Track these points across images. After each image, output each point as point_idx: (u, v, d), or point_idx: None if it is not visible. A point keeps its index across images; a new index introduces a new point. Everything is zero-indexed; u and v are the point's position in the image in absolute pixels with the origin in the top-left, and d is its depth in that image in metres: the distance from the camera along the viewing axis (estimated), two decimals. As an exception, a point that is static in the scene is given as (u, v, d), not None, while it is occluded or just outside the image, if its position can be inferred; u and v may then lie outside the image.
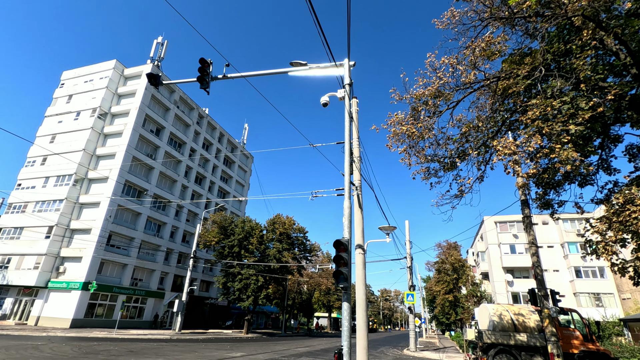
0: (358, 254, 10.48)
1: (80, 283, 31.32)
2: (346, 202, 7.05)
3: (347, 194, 7.16)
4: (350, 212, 7.00)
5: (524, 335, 13.32)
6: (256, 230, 38.34)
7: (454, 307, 55.18)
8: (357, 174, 11.47)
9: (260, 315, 59.97)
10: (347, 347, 5.72)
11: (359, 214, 11.01)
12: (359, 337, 9.69)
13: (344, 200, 7.12)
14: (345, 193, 7.20)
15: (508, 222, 42.65)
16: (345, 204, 7.04)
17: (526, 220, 13.86)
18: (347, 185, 7.23)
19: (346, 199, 7.10)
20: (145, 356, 14.72)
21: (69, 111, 40.53)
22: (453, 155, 11.50)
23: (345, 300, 6.15)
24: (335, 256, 6.23)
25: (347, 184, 7.26)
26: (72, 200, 35.06)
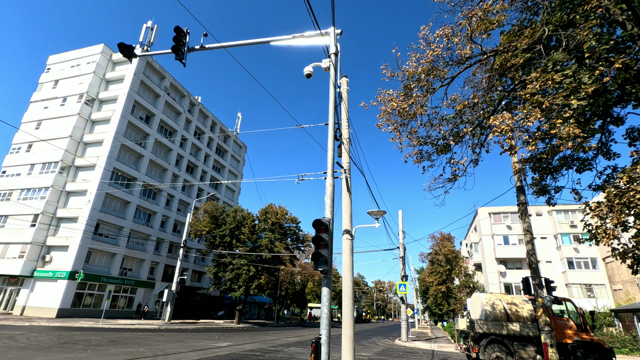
0: (345, 240, 9.94)
1: (66, 272, 30.63)
2: (329, 180, 6.47)
3: (330, 171, 6.58)
4: (333, 190, 6.43)
5: (517, 325, 12.96)
6: (248, 220, 37.78)
7: (446, 298, 55.36)
8: (345, 156, 10.88)
9: (253, 305, 59.76)
10: (326, 336, 5.21)
11: (347, 198, 10.45)
12: (345, 326, 9.21)
13: (327, 178, 6.55)
14: (328, 170, 6.62)
15: (502, 213, 42.47)
16: (328, 181, 6.46)
17: (521, 207, 13.40)
18: (331, 162, 6.65)
19: (329, 177, 6.53)
20: (126, 346, 14.19)
21: (55, 97, 39.32)
22: (447, 137, 10.95)
23: (325, 285, 5.61)
24: (314, 237, 5.67)
25: (330, 161, 6.68)
26: (58, 188, 34.14)
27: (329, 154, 6.78)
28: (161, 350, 13.66)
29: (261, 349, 16.35)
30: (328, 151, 6.77)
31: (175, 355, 12.63)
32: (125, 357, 11.34)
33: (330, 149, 6.79)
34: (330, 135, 6.83)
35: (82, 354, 11.54)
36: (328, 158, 6.76)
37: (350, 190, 10.58)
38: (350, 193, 10.52)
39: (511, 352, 12.64)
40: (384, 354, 17.66)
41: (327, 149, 6.73)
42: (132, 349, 13.30)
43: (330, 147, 6.79)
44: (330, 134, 6.84)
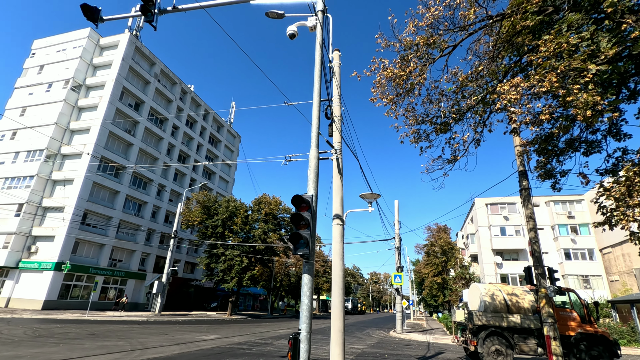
0: (336, 225, 9.12)
1: (52, 263, 29.70)
2: (313, 152, 5.62)
3: (315, 141, 5.72)
4: (318, 164, 5.58)
5: (518, 316, 12.30)
6: (241, 210, 36.92)
7: (442, 289, 55.14)
8: (337, 135, 10.00)
9: (248, 297, 59.28)
10: (306, 331, 4.42)
11: (338, 181, 9.61)
12: (335, 319, 8.43)
13: (311, 150, 5.69)
14: (312, 141, 5.76)
15: (499, 204, 41.92)
16: (312, 153, 5.61)
17: (524, 193, 12.64)
18: (315, 131, 5.78)
19: (313, 148, 5.67)
20: (106, 339, 13.40)
21: (40, 82, 37.91)
22: (446, 114, 10.10)
23: (306, 272, 4.80)
24: (293, 214, 4.84)
25: (314, 130, 5.81)
26: (43, 177, 33.01)
27: (313, 122, 5.91)
28: (141, 343, 12.88)
29: (249, 341, 15.63)
30: (313, 119, 5.90)
31: (155, 349, 11.85)
32: (99, 352, 10.55)
33: (315, 115, 5.92)
34: (316, 101, 5.96)
35: (53, 348, 10.72)
36: (312, 126, 5.90)
37: (342, 172, 9.73)
38: (341, 175, 9.67)
39: (511, 345, 11.99)
40: (378, 347, 17.02)
41: (312, 116, 5.86)
42: (110, 343, 12.51)
43: (316, 114, 5.92)
44: (315, 99, 5.97)
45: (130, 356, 10.24)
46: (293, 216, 4.84)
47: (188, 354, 11.24)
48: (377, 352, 14.84)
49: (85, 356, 9.76)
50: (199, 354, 11.47)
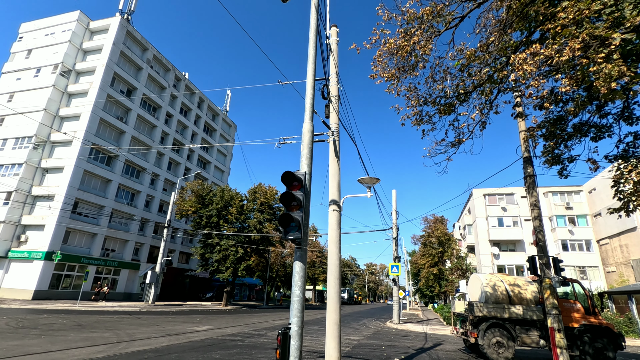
0: (332, 211, 8.55)
1: (43, 253, 29.06)
2: (306, 126, 5.00)
3: (309, 113, 5.10)
4: (312, 138, 4.97)
5: (520, 307, 11.89)
6: (236, 199, 36.32)
7: (438, 280, 55.19)
8: (334, 116, 9.38)
9: (244, 287, 59.06)
10: (298, 326, 3.88)
11: (335, 165, 9.02)
12: (330, 310, 7.92)
13: (304, 123, 5.07)
14: (306, 113, 5.13)
15: (497, 195, 41.58)
16: (305, 127, 4.99)
17: (529, 180, 12.10)
18: (309, 103, 5.15)
19: (306, 122, 5.05)
20: (92, 330, 12.87)
21: (28, 67, 36.73)
22: (451, 95, 9.49)
23: (298, 259, 4.23)
24: (284, 194, 4.23)
25: (308, 101, 5.18)
26: (32, 165, 32.13)
27: (307, 92, 5.27)
28: (129, 335, 12.37)
29: (243, 332, 15.18)
30: (307, 88, 5.26)
31: (143, 341, 11.34)
32: (82, 344, 10.01)
33: (309, 84, 5.28)
34: (310, 69, 5.31)
35: (34, 340, 10.17)
36: (307, 97, 5.25)
37: (339, 156, 9.13)
38: (338, 158, 9.08)
39: (513, 336, 11.60)
40: (374, 338, 16.65)
41: (306, 85, 5.22)
42: (96, 334, 11.98)
43: (310, 83, 5.28)
44: (310, 66, 5.32)
45: (115, 348, 9.72)
46: (283, 196, 4.24)
47: (176, 346, 10.73)
48: (374, 344, 14.45)
49: (66, 349, 9.22)
50: (188, 346, 10.97)
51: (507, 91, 9.86)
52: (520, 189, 41.61)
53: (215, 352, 10.15)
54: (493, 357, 11.39)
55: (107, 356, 8.67)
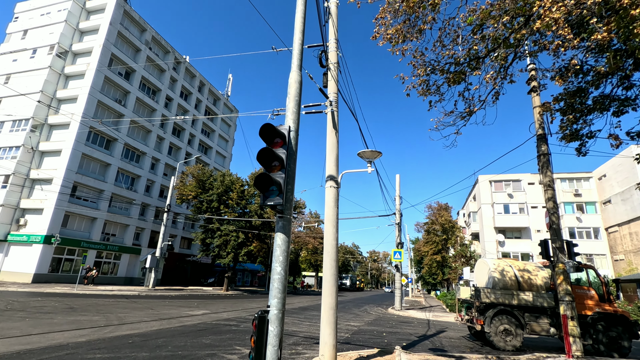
0: (329, 188, 7.84)
1: (42, 236, 28.79)
2: (293, 76, 4.22)
3: (297, 61, 4.30)
4: (299, 90, 4.19)
5: (530, 294, 11.22)
6: (236, 184, 35.74)
7: (441, 267, 54.82)
8: (332, 85, 8.58)
9: (246, 273, 59.06)
10: (278, 309, 3.20)
11: (333, 137, 8.26)
12: (326, 294, 7.30)
13: (291, 73, 4.27)
14: (294, 61, 4.34)
15: (503, 181, 40.64)
16: (292, 77, 4.21)
17: (543, 159, 11.28)
18: (298, 49, 4.35)
19: (294, 71, 4.27)
20: (82, 314, 12.42)
21: (24, 48, 35.89)
22: (462, 62, 8.62)
23: (280, 230, 3.53)
24: (262, 150, 3.46)
25: (296, 47, 4.38)
26: (30, 147, 31.61)
27: (295, 35, 4.46)
28: (119, 318, 11.90)
29: (239, 317, 14.71)
30: (295, 28, 4.45)
31: (132, 325, 10.85)
32: (66, 328, 9.52)
33: (298, 22, 4.45)
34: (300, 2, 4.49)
35: (16, 323, 9.70)
36: (294, 41, 4.45)
37: (337, 128, 8.36)
38: (336, 131, 8.32)
39: (521, 324, 10.97)
40: (375, 324, 16.15)
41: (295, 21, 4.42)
42: (85, 318, 11.52)
43: (299, 21, 4.45)
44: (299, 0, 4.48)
45: (100, 332, 9.22)
46: (262, 153, 3.46)
47: (166, 331, 10.23)
48: (374, 330, 13.93)
49: (47, 332, 8.72)
50: (178, 330, 10.46)
51: (524, 57, 8.99)
52: (527, 175, 40.63)
53: (206, 337, 9.62)
54: (500, 345, 10.80)
55: (89, 340, 8.15)
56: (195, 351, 7.90)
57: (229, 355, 7.74)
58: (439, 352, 10.03)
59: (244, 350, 8.37)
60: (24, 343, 7.39)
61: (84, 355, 6.77)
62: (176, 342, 8.69)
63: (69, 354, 6.82)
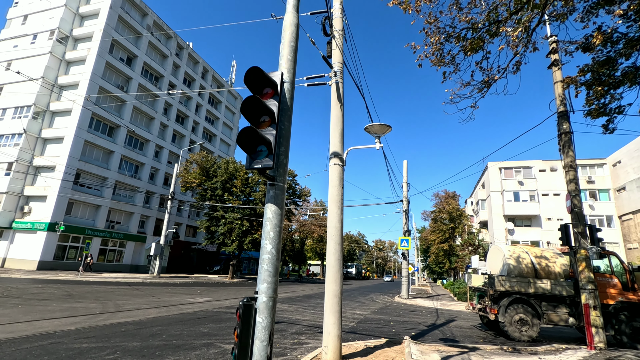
0: (334, 166, 7.19)
1: (46, 224, 28.67)
2: (289, 18, 3.48)
3: (293, 1, 3.60)
4: (295, 34, 3.48)
5: (547, 282, 10.56)
6: (241, 172, 35.20)
7: (448, 256, 54.20)
8: (337, 54, 7.84)
9: (252, 261, 59.12)
10: (268, 296, 2.59)
11: (338, 111, 7.56)
12: (330, 281, 6.71)
13: (286, 15, 3.52)
14: (289, 1, 3.64)
15: (514, 168, 39.57)
16: (287, 20, 3.49)
17: (564, 138, 10.46)
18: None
19: (289, 13, 3.51)
20: (79, 300, 12.06)
21: (24, 34, 35.32)
22: (480, 27, 7.81)
23: (270, 201, 2.86)
24: (248, 100, 2.74)
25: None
26: (33, 135, 31.30)
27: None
28: (117, 306, 11.50)
29: (242, 305, 14.28)
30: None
31: (129, 312, 10.43)
32: (59, 315, 9.11)
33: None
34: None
35: (7, 310, 9.31)
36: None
37: (342, 101, 7.66)
38: (342, 104, 7.61)
39: (538, 313, 10.34)
40: (382, 312, 15.65)
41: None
42: (81, 305, 11.14)
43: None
44: None
45: (94, 320, 8.78)
46: (247, 102, 2.74)
47: (163, 318, 9.78)
48: (381, 319, 13.41)
49: (37, 320, 8.30)
50: (176, 318, 10.02)
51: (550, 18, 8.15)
52: (538, 162, 39.50)
53: (204, 325, 9.15)
54: (515, 335, 10.19)
55: (79, 329, 7.70)
56: (191, 340, 7.41)
57: (226, 345, 7.24)
58: (450, 342, 9.47)
59: (243, 339, 7.86)
60: (8, 331, 6.95)
61: (69, 345, 6.30)
62: (172, 331, 8.22)
63: (53, 343, 6.35)
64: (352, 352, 7.05)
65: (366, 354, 6.99)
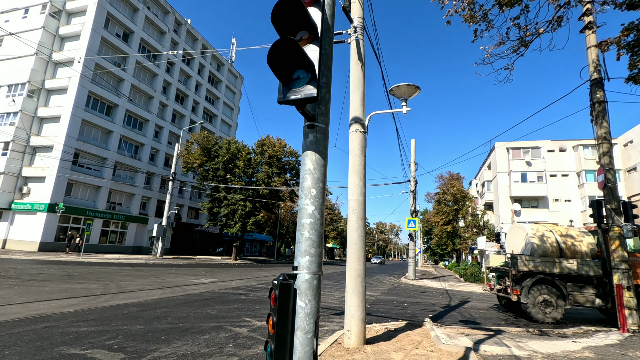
0: (355, 132, 6.44)
1: (45, 205, 28.12)
2: None
3: None
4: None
5: (574, 261, 9.97)
6: (243, 152, 34.43)
7: (451, 237, 54.01)
8: (357, 7, 6.97)
9: (255, 243, 59.07)
10: (312, 272, 1.88)
11: (359, 71, 6.74)
12: (352, 260, 6.07)
13: None
14: None
15: (522, 148, 38.67)
16: None
17: (598, 107, 9.65)
18: None
19: None
20: (80, 281, 11.55)
21: (15, 8, 33.83)
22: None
23: (310, 148, 2.10)
24: (280, 3, 1.99)
25: None
26: (28, 114, 30.36)
27: None
28: (119, 287, 10.99)
29: (248, 286, 13.81)
30: None
31: (132, 293, 9.90)
32: (57, 296, 8.56)
33: None
34: None
35: (2, 291, 8.77)
36: None
37: (364, 60, 6.83)
38: (362, 64, 6.79)
39: (563, 294, 9.79)
40: (393, 293, 15.21)
41: None
42: (81, 286, 10.61)
43: None
44: None
45: (94, 301, 8.24)
46: (280, 5, 1.95)
47: (168, 300, 9.25)
48: (393, 300, 12.94)
49: (33, 301, 7.74)
50: (182, 299, 9.48)
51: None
52: (547, 142, 38.59)
53: (211, 307, 8.61)
54: (538, 317, 9.67)
55: (77, 311, 7.14)
56: (199, 323, 6.86)
57: (236, 328, 6.68)
58: (471, 324, 8.95)
59: (255, 322, 7.32)
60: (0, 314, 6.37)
61: (65, 329, 5.72)
62: (178, 313, 7.67)
63: (47, 327, 5.78)
64: (374, 336, 6.49)
65: (389, 337, 6.42)
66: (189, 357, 4.82)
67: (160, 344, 5.33)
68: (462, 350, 5.55)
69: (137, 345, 5.18)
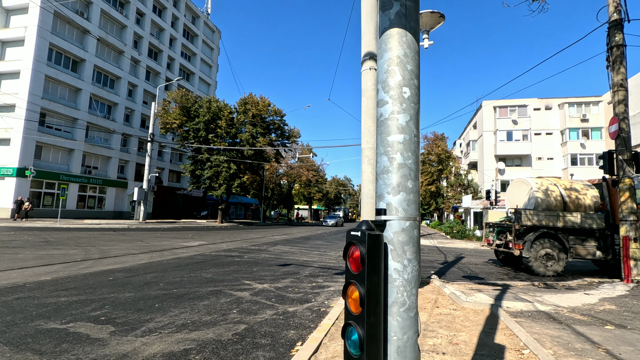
0: (368, 70, 5.57)
1: (14, 169, 26.20)
2: None
3: None
4: None
5: (577, 215, 9.80)
6: (225, 111, 32.71)
7: (434, 197, 54.90)
8: None
9: (239, 206, 58.52)
10: (410, 215, 1.27)
11: (371, -1, 5.72)
12: (367, 216, 5.45)
13: None
14: None
15: (509, 107, 38.44)
16: None
17: (616, 52, 9.00)
18: None
19: None
20: (58, 247, 10.67)
21: (-47, -56, 29.35)
22: None
23: (399, 24, 1.36)
24: None
25: None
26: (-18, 69, 27.41)
27: None
28: (101, 252, 10.19)
29: (240, 248, 13.28)
30: None
31: (116, 258, 9.16)
32: (32, 264, 7.73)
33: None
34: None
35: (-33, 259, 7.83)
36: None
37: (377, -15, 5.78)
38: (376, -10, 5.75)
39: (565, 248, 9.70)
40: (387, 252, 15.05)
41: None
42: (60, 252, 9.75)
43: None
44: None
45: (73, 268, 7.46)
46: None
47: (157, 264, 8.57)
48: (390, 258, 12.73)
49: (4, 269, 6.91)
50: (172, 263, 8.83)
51: None
52: (534, 100, 38.41)
53: (205, 271, 8.01)
54: (540, 270, 9.60)
55: (55, 279, 6.37)
56: (195, 288, 6.24)
57: (237, 292, 6.11)
58: (475, 279, 8.76)
59: (255, 284, 6.77)
60: (-39, 285, 5.54)
61: (42, 300, 4.98)
62: (169, 278, 7.02)
63: (20, 298, 5.02)
64: (387, 295, 6.05)
65: (403, 296, 6.00)
66: (189, 326, 4.21)
67: (155, 312, 4.68)
68: (487, 307, 5.18)
69: (128, 315, 4.52)
